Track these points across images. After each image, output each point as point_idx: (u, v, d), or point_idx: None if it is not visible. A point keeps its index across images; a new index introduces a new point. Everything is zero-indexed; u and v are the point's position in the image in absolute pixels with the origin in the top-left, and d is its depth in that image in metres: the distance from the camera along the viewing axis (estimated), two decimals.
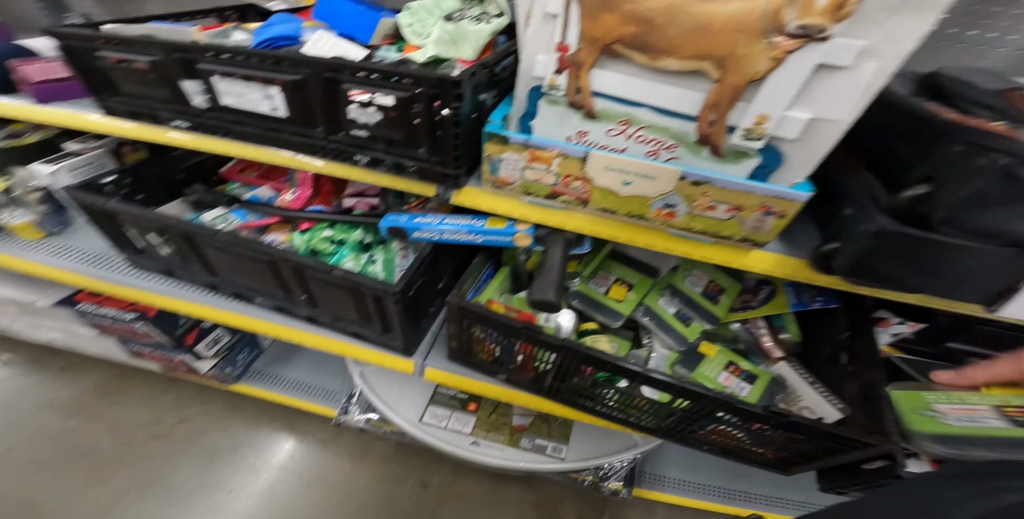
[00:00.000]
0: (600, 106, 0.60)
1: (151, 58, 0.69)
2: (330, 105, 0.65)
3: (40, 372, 1.63)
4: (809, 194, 0.55)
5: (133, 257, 1.02)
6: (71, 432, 1.46)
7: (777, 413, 0.67)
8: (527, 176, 0.66)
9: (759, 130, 0.53)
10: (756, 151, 0.55)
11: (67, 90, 0.87)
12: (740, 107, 0.52)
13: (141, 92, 0.75)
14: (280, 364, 1.60)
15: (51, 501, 1.30)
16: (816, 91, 0.49)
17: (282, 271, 0.81)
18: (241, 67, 0.65)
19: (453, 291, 0.75)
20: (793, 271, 0.63)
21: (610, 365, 0.71)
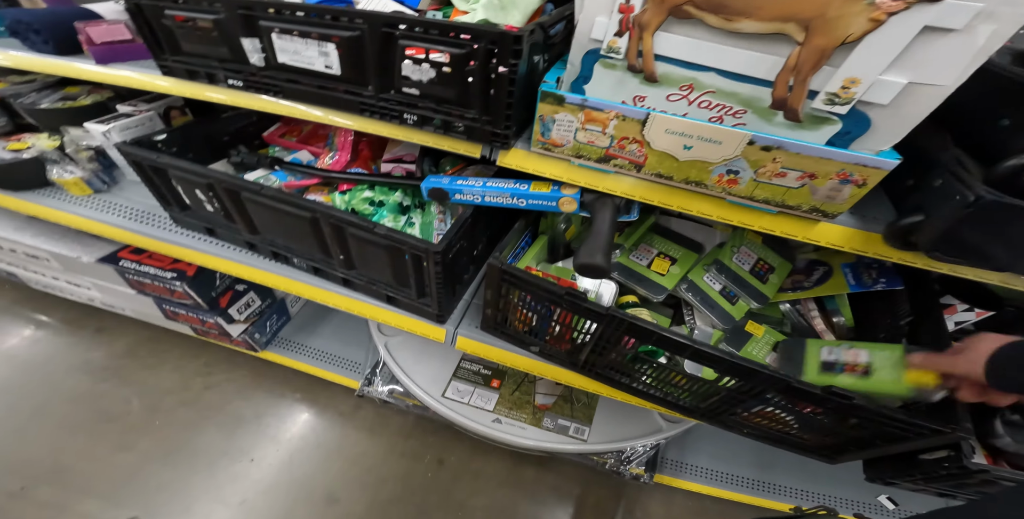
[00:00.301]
0: (662, 70, 0.58)
1: (215, 16, 0.70)
2: (384, 62, 0.65)
3: (76, 333, 1.68)
4: (896, 161, 0.52)
5: (177, 215, 1.04)
6: (103, 396, 1.51)
7: (840, 395, 0.64)
8: (580, 138, 0.65)
9: (846, 95, 0.50)
10: (839, 117, 0.52)
11: (127, 51, 0.90)
12: (826, 71, 0.50)
13: (200, 51, 0.77)
14: (306, 333, 1.62)
15: (81, 463, 1.34)
16: (919, 54, 0.46)
17: (323, 229, 0.81)
18: (301, 23, 0.66)
19: (494, 254, 0.74)
20: (864, 245, 0.60)
21: (657, 336, 0.68)
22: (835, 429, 0.71)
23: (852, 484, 1.30)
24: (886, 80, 0.48)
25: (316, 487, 1.35)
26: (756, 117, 0.57)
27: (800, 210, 0.60)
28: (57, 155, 1.11)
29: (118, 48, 0.89)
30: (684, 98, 0.59)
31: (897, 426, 0.65)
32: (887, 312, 0.83)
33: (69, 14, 0.92)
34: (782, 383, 0.66)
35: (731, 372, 0.69)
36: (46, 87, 1.23)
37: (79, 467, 1.33)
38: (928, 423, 0.63)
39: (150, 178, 0.94)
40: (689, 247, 0.97)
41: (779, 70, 0.52)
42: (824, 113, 0.53)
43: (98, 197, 1.15)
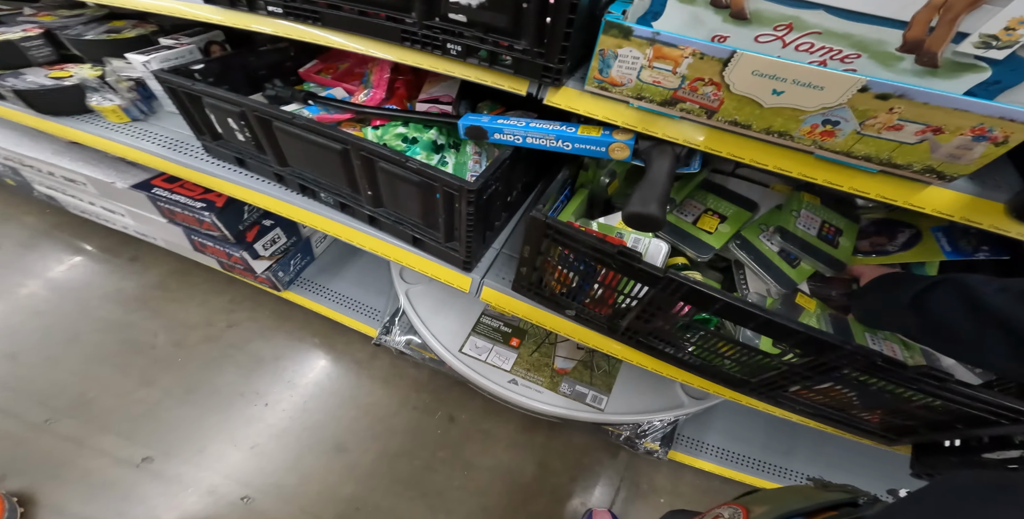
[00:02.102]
0: (755, 6, 0.49)
1: None
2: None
3: (111, 260, 1.73)
4: None
5: (209, 144, 1.02)
6: (132, 327, 1.55)
7: (936, 377, 0.57)
8: (644, 77, 0.57)
9: (1009, 38, 0.41)
10: (990, 63, 0.44)
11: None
12: (985, 10, 0.41)
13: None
14: (329, 275, 1.62)
15: (104, 396, 1.38)
16: None
17: (353, 162, 0.77)
18: None
19: (537, 206, 0.68)
20: (978, 215, 0.52)
21: (722, 303, 0.61)
22: (906, 409, 0.65)
23: (870, 476, 1.24)
24: None
25: (327, 435, 1.38)
26: (873, 62, 0.48)
27: (910, 170, 0.51)
28: (97, 83, 1.11)
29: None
30: (779, 39, 0.51)
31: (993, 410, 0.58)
32: None
33: None
34: (866, 360, 0.58)
35: (805, 346, 0.61)
36: (93, 20, 1.24)
37: (103, 400, 1.37)
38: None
39: (184, 106, 0.92)
40: (742, 205, 0.88)
41: (919, 7, 0.43)
42: (971, 59, 0.44)
43: (135, 125, 1.15)
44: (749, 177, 0.95)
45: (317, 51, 1.12)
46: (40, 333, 1.49)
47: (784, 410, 0.80)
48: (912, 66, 0.46)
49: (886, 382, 0.60)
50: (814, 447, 1.31)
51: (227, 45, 1.17)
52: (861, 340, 0.70)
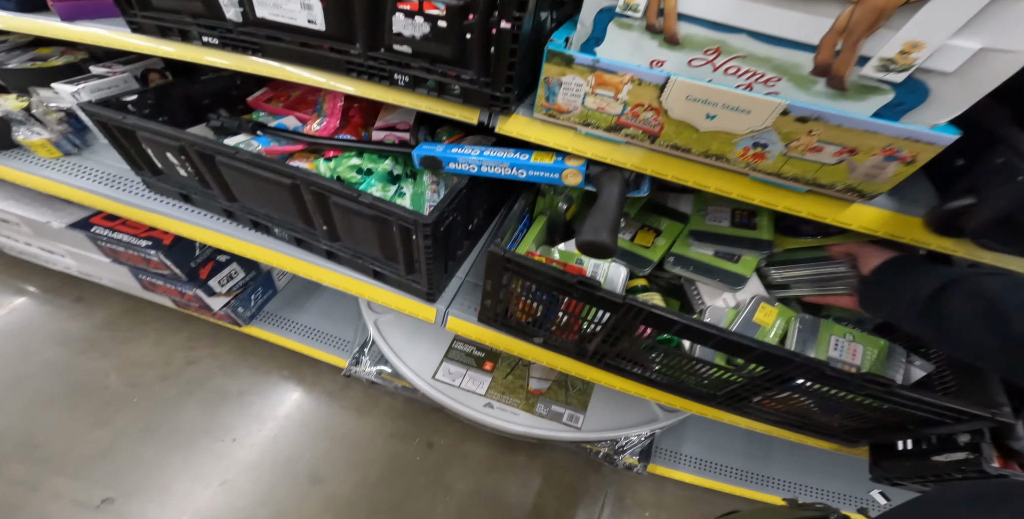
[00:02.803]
0: (685, 32, 0.51)
1: None
2: (373, 16, 0.59)
3: (54, 302, 1.62)
4: (955, 136, 0.45)
5: (150, 180, 0.97)
6: (80, 368, 1.46)
7: (879, 382, 0.59)
8: (588, 104, 0.58)
9: (905, 61, 0.44)
10: (892, 86, 0.46)
11: (96, 8, 0.83)
12: (881, 34, 0.43)
13: (172, 6, 0.70)
14: (293, 308, 1.57)
15: (54, 439, 1.29)
16: (998, 15, 0.39)
17: (304, 197, 0.75)
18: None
19: (495, 240, 0.68)
20: (900, 230, 0.54)
21: (680, 325, 0.62)
22: (859, 412, 0.67)
23: (844, 478, 1.29)
24: (955, 45, 0.41)
25: (301, 467, 1.32)
26: (792, 85, 0.50)
27: (834, 189, 0.54)
28: (23, 116, 1.04)
29: (85, 5, 0.83)
30: (709, 63, 0.52)
31: (936, 411, 0.60)
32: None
33: None
34: (815, 371, 0.61)
35: (761, 360, 0.64)
36: (16, 48, 1.16)
37: (53, 443, 1.28)
38: (970, 408, 0.59)
39: (118, 140, 0.87)
40: (674, 218, 0.91)
41: (825, 32, 0.45)
42: (874, 81, 0.46)
43: (68, 160, 1.08)
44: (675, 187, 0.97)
45: (266, 78, 1.09)
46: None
47: (751, 420, 0.82)
48: (825, 89, 0.49)
49: (836, 389, 0.63)
50: (789, 452, 1.34)
51: (167, 72, 1.11)
52: (825, 343, 0.72)
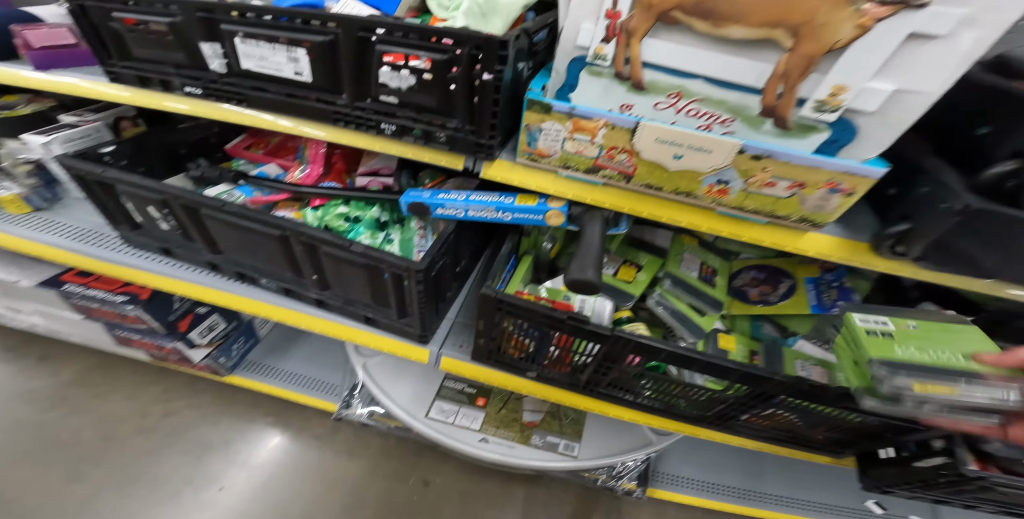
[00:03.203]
0: (649, 78, 0.56)
1: (170, 19, 0.64)
2: (359, 68, 0.61)
3: (17, 361, 1.54)
4: (884, 170, 0.51)
5: (128, 234, 0.96)
6: (50, 424, 1.38)
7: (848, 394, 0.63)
8: (567, 148, 0.62)
9: (834, 102, 0.50)
10: (827, 124, 0.52)
11: (70, 57, 0.83)
12: (814, 78, 0.49)
13: (153, 56, 0.71)
14: (277, 355, 1.53)
15: (27, 496, 1.22)
16: (905, 61, 0.45)
17: (294, 247, 0.76)
18: (268, 27, 0.61)
19: (486, 283, 0.70)
20: (851, 255, 0.60)
21: (666, 353, 0.66)
22: (840, 425, 0.71)
23: (839, 489, 1.32)
24: (873, 87, 0.48)
25: (293, 512, 1.27)
26: (744, 125, 0.56)
27: (790, 220, 0.59)
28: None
29: (60, 53, 0.82)
30: (672, 106, 0.58)
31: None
32: None
33: (4, 16, 0.84)
34: (794, 387, 0.65)
35: (743, 380, 0.67)
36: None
37: (25, 499, 1.21)
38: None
39: (95, 194, 0.87)
40: (653, 252, 0.96)
41: (768, 77, 0.51)
42: (812, 121, 0.52)
43: (38, 215, 1.06)
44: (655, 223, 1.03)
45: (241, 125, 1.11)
46: None
47: (742, 437, 0.85)
48: (773, 129, 0.54)
49: (815, 403, 0.67)
50: (784, 468, 1.37)
51: (139, 119, 1.10)
52: (791, 367, 0.77)
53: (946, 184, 0.52)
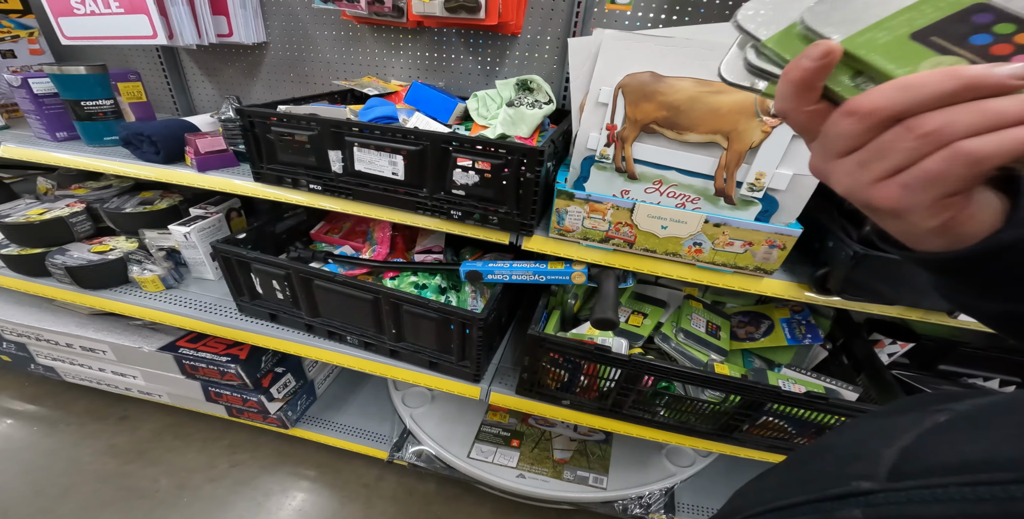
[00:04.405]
0: (639, 170, 0.82)
1: (311, 132, 0.87)
2: (438, 170, 0.83)
3: (101, 421, 1.74)
4: (800, 230, 0.76)
5: (245, 303, 1.21)
6: (129, 476, 1.55)
7: (819, 397, 0.82)
8: (586, 225, 0.87)
9: (759, 184, 0.76)
10: (758, 200, 0.77)
11: (221, 160, 1.07)
12: (744, 168, 0.75)
13: (292, 160, 0.92)
14: (332, 410, 1.72)
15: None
16: (795, 154, 0.72)
17: (382, 307, 1.00)
18: (378, 139, 0.84)
19: (531, 327, 0.93)
20: (797, 293, 0.82)
21: (672, 371, 0.87)
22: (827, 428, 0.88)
23: None
24: (780, 173, 0.73)
25: None
26: (707, 202, 0.81)
27: (748, 269, 0.83)
28: (142, 255, 1.27)
29: (214, 158, 1.05)
30: (656, 190, 0.83)
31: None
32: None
33: (178, 127, 1.09)
34: (773, 393, 0.84)
35: (736, 390, 0.86)
36: (124, 192, 1.38)
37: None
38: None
39: (232, 271, 1.12)
40: (655, 304, 1.19)
41: (716, 168, 0.77)
42: (749, 197, 0.77)
43: (170, 293, 1.30)
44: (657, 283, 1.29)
45: (323, 214, 1.37)
46: (31, 490, 1.47)
47: (746, 447, 1.01)
48: (725, 205, 0.80)
49: (793, 407, 0.85)
50: None
51: (242, 211, 1.39)
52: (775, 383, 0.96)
53: (841, 238, 0.76)
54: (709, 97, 0.73)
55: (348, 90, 1.28)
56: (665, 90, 0.75)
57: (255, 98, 1.56)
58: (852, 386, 0.93)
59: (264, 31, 1.39)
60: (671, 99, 0.75)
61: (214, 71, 1.54)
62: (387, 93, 1.23)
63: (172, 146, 1.07)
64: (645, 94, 0.76)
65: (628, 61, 0.76)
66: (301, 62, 1.43)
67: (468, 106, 1.07)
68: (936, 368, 1.02)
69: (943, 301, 0.73)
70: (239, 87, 1.56)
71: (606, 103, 0.79)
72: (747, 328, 1.15)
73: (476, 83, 1.33)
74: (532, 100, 1.06)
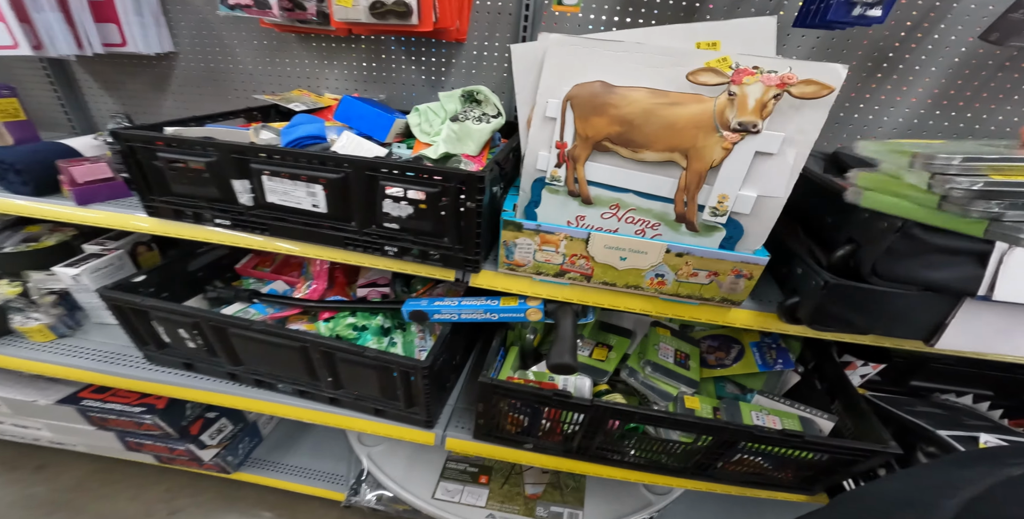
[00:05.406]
0: (594, 193, 0.74)
1: (207, 159, 0.75)
2: (366, 201, 0.73)
3: (13, 472, 1.53)
4: (767, 258, 0.68)
5: (152, 353, 1.05)
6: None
7: (794, 435, 0.76)
8: (538, 258, 0.77)
9: (722, 208, 0.68)
10: (722, 225, 0.69)
11: (107, 190, 0.92)
12: (706, 189, 0.67)
13: (189, 191, 0.80)
14: (281, 451, 1.57)
15: None
16: (758, 173, 0.65)
17: (312, 356, 0.88)
18: (291, 166, 0.73)
19: (483, 372, 0.83)
20: (766, 323, 0.75)
21: (638, 415, 0.79)
22: (799, 463, 0.82)
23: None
24: (744, 194, 0.66)
25: None
26: (668, 228, 0.73)
27: (715, 301, 0.75)
28: (22, 302, 1.09)
29: (99, 187, 0.90)
30: (614, 215, 0.75)
31: (843, 451, 0.77)
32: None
33: (49, 151, 0.92)
34: (745, 433, 0.78)
35: (706, 431, 0.80)
36: (5, 227, 1.20)
37: None
38: (865, 445, 0.76)
39: (129, 321, 0.97)
40: (621, 334, 1.11)
41: (676, 190, 0.69)
42: (712, 223, 0.69)
43: (63, 342, 1.14)
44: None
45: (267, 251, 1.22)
46: None
47: (722, 483, 0.95)
48: (687, 231, 0.71)
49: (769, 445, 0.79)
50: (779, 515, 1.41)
51: (153, 244, 1.22)
52: (748, 417, 0.90)
53: (811, 266, 0.69)
54: (664, 110, 0.65)
55: (272, 106, 1.15)
56: (617, 102, 0.67)
57: (165, 115, 1.39)
58: (827, 415, 0.88)
59: (170, 40, 1.24)
60: (624, 112, 0.66)
61: (115, 84, 1.37)
62: (318, 108, 1.11)
63: (43, 174, 0.90)
64: (595, 107, 0.68)
65: (576, 69, 0.67)
66: (219, 74, 1.29)
67: (409, 121, 0.96)
68: (908, 384, 0.98)
69: None
70: (146, 102, 1.39)
71: (554, 118, 0.70)
72: (717, 354, 1.09)
73: (423, 95, 1.23)
74: (479, 113, 0.95)
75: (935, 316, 0.67)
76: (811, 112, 0.60)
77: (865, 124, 1.06)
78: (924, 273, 0.62)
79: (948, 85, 0.99)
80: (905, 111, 1.03)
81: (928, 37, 0.95)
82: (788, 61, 0.59)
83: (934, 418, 0.84)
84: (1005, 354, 0.71)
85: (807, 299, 0.69)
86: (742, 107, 0.61)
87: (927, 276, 0.63)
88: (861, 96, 1.04)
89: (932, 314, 0.67)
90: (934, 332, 0.69)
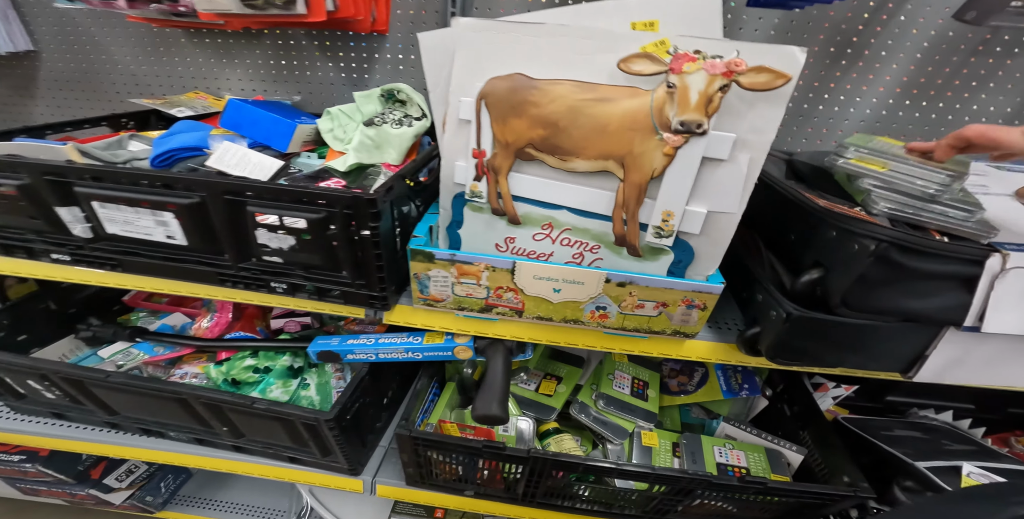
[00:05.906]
0: (522, 211, 0.61)
1: (19, 182, 0.60)
2: (235, 230, 0.60)
3: None
4: (722, 286, 0.57)
5: (13, 404, 0.89)
6: None
7: (755, 482, 0.67)
8: (458, 292, 0.64)
9: (667, 227, 0.56)
10: (669, 247, 0.58)
11: None
12: (648, 205, 0.55)
13: (7, 222, 0.66)
14: (214, 486, 1.41)
15: None
16: (707, 184, 0.53)
17: (195, 407, 0.73)
18: (126, 191, 0.59)
19: (400, 422, 0.71)
20: (726, 356, 0.65)
21: (583, 467, 0.69)
22: (764, 507, 0.74)
23: None
24: (692, 210, 0.54)
25: None
26: (609, 252, 0.61)
27: (665, 334, 0.64)
28: None
29: None
30: (547, 237, 0.62)
31: (811, 496, 0.69)
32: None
33: None
34: (702, 481, 0.69)
35: (660, 481, 0.70)
36: None
37: None
38: (834, 490, 0.68)
39: None
40: (572, 363, 1.00)
41: (613, 206, 0.57)
42: (657, 245, 0.58)
43: None
44: None
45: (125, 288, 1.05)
46: None
47: None
48: (629, 256, 0.60)
49: (729, 493, 0.71)
50: None
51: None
52: (711, 453, 0.81)
53: (771, 293, 0.58)
54: (594, 108, 0.52)
55: (152, 111, 0.99)
56: (538, 99, 0.54)
57: (35, 121, 1.23)
58: (795, 447, 0.80)
59: (26, 37, 1.08)
60: (546, 112, 0.54)
61: None
62: (207, 114, 0.95)
63: None
64: (513, 106, 0.54)
65: (492, 60, 0.54)
66: (92, 76, 1.14)
67: (320, 127, 0.80)
68: (884, 399, 0.91)
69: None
70: (11, 108, 1.22)
71: (468, 119, 0.57)
72: (680, 378, 0.99)
73: (344, 95, 1.09)
74: (401, 115, 0.80)
75: (914, 348, 0.58)
76: (765, 107, 0.48)
77: (831, 117, 0.95)
78: (902, 302, 0.52)
79: (918, 72, 0.88)
80: (872, 101, 0.92)
81: (895, 19, 0.84)
82: (735, 43, 0.47)
83: (912, 444, 0.77)
84: (994, 385, 0.63)
85: (768, 331, 0.59)
86: (683, 102, 0.48)
87: (906, 306, 0.53)
88: (825, 86, 0.92)
89: (911, 346, 0.58)
90: (912, 364, 0.60)
